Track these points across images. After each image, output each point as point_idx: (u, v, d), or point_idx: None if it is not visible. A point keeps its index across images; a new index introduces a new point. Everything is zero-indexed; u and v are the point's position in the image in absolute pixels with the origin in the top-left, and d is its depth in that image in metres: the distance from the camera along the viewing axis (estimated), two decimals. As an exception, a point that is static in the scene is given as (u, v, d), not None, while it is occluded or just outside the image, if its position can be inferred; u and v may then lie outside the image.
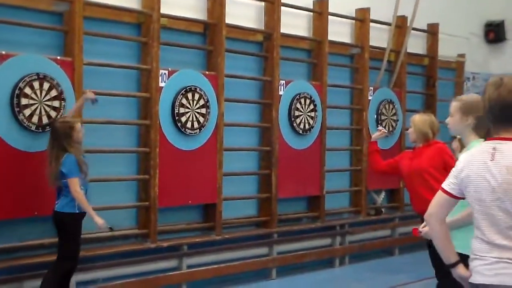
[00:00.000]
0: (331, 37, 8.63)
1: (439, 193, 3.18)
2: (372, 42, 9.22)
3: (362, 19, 9.16)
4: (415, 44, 10.10)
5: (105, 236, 6.62)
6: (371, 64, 9.27)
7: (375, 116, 9.30)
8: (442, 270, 5.82)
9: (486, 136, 4.19)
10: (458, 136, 6.35)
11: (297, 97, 8.18)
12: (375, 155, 6.51)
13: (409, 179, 5.96)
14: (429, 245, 5.89)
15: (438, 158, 5.77)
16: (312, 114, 8.37)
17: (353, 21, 9.23)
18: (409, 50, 9.78)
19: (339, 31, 8.93)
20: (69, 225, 5.69)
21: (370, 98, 9.25)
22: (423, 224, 4.38)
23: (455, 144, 6.54)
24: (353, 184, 9.25)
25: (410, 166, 5.89)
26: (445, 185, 3.17)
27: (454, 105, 4.33)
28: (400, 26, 9.61)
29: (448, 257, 3.20)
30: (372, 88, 9.28)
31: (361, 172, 9.13)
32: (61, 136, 5.61)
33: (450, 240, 3.18)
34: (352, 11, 9.16)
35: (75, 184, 5.59)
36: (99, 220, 5.71)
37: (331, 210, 8.86)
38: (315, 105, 8.38)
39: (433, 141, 5.87)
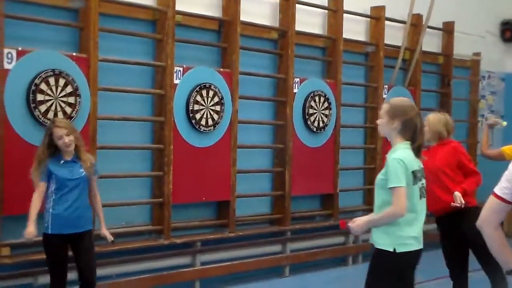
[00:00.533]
0: (346, 35, 8.61)
1: (491, 198, 3.01)
2: (387, 40, 9.19)
3: (377, 17, 9.14)
4: (430, 43, 10.06)
5: (119, 232, 6.64)
6: (386, 62, 9.24)
7: (390, 114, 9.26)
8: (457, 271, 5.82)
9: (412, 140, 4.35)
10: None
11: (312, 95, 8.18)
12: None
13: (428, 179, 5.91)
14: (444, 244, 5.89)
15: (452, 157, 5.76)
16: (327, 112, 8.37)
17: (368, 19, 9.21)
18: (424, 49, 9.75)
19: (354, 29, 8.92)
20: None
21: (384, 96, 9.21)
22: (354, 219, 4.49)
23: None
24: (367, 182, 9.23)
25: (424, 165, 5.86)
26: (497, 189, 3.00)
27: (383, 107, 4.49)
28: (415, 24, 9.57)
29: (507, 262, 3.02)
30: (386, 86, 9.26)
31: (375, 170, 9.08)
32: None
33: (507, 245, 3.02)
34: (367, 9, 9.15)
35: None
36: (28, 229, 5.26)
37: (345, 208, 8.85)
38: (329, 103, 8.38)
39: (447, 140, 5.85)
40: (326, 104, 8.33)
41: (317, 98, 8.24)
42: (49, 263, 5.44)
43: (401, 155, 4.31)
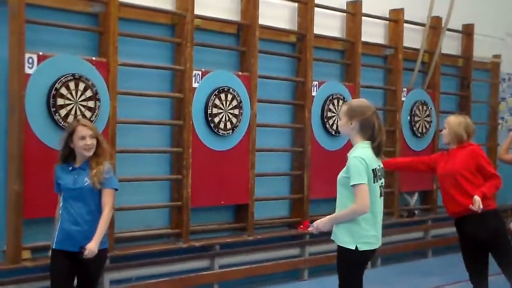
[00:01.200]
0: (364, 38, 8.61)
1: None
2: (406, 43, 9.17)
3: (396, 19, 9.12)
4: (450, 45, 10.03)
5: (138, 236, 6.70)
6: (405, 65, 9.22)
7: (408, 117, 9.26)
8: (477, 274, 5.80)
9: (371, 139, 4.51)
10: None
11: (330, 98, 8.18)
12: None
13: (442, 181, 5.92)
14: (463, 248, 5.87)
15: (471, 160, 5.74)
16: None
17: (387, 21, 9.20)
18: (443, 51, 9.72)
19: (373, 32, 8.90)
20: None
21: (403, 99, 9.20)
22: (319, 220, 4.68)
23: None
24: (386, 186, 9.13)
25: (444, 168, 5.86)
26: None
27: (342, 109, 4.76)
28: (435, 27, 9.55)
29: None
30: (405, 89, 9.23)
31: (394, 174, 9.09)
32: None
33: None
34: (385, 12, 9.13)
35: None
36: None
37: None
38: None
39: (467, 143, 5.83)
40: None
41: (335, 102, 8.24)
42: (50, 280, 5.11)
43: (361, 154, 4.52)
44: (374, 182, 4.57)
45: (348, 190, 4.54)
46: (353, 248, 4.57)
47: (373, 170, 4.56)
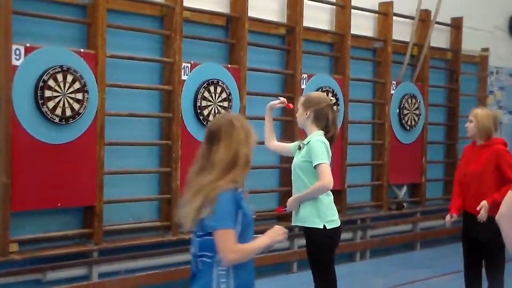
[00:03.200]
0: (353, 30, 8.57)
1: (510, 192, 3.10)
2: (395, 36, 9.14)
3: (385, 12, 9.09)
4: (439, 38, 10.00)
5: (127, 228, 6.65)
6: (394, 58, 9.20)
7: (397, 110, 9.23)
8: (471, 269, 5.73)
9: (325, 128, 4.61)
10: None
11: (319, 91, 8.12)
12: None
13: (464, 176, 5.69)
14: (463, 243, 5.79)
15: (494, 160, 5.49)
16: (334, 108, 8.31)
17: (376, 14, 9.16)
18: (432, 44, 9.70)
19: (362, 25, 8.87)
20: None
21: (392, 92, 9.18)
22: (288, 201, 4.97)
23: None
24: (375, 178, 9.19)
25: (468, 166, 5.63)
26: None
27: (300, 100, 5.01)
28: (424, 20, 9.52)
29: None
30: (394, 82, 9.21)
31: (383, 166, 9.07)
32: None
33: None
34: (375, 5, 9.09)
35: None
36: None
37: (353, 204, 8.82)
38: (337, 99, 8.33)
39: (494, 139, 5.59)
40: (334, 100, 8.29)
41: (325, 94, 8.19)
42: None
43: (321, 139, 4.78)
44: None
45: (307, 173, 4.78)
46: (322, 227, 4.78)
47: (330, 157, 4.79)
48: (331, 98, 8.12)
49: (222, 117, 3.43)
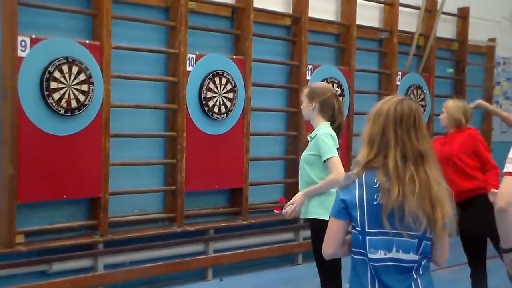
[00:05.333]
0: (359, 21, 8.61)
1: (508, 178, 3.03)
2: (401, 27, 9.18)
3: (391, 3, 9.12)
4: (445, 28, 10.03)
5: (132, 220, 6.73)
6: (400, 49, 9.23)
7: (404, 101, 9.27)
8: (475, 258, 5.83)
9: (331, 120, 4.67)
10: None
11: (325, 82, 8.18)
12: None
13: (441, 165, 5.89)
14: (462, 231, 5.89)
15: (469, 143, 5.76)
16: (340, 98, 8.37)
17: (382, 5, 9.20)
18: (438, 35, 9.73)
19: (368, 15, 8.91)
20: None
21: (398, 83, 9.23)
22: (289, 203, 4.86)
23: None
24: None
25: (441, 152, 5.88)
26: (510, 169, 3.05)
27: (304, 91, 5.00)
28: (430, 10, 9.55)
29: None
30: (400, 73, 9.26)
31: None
32: None
33: None
34: (381, -5, 9.15)
35: None
36: None
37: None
38: (342, 90, 8.39)
39: (465, 127, 5.87)
40: (339, 91, 8.34)
41: (330, 85, 8.25)
42: None
43: (329, 131, 4.76)
44: None
45: (313, 167, 4.77)
46: (327, 219, 4.69)
47: (337, 149, 4.77)
48: (337, 89, 8.16)
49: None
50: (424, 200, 2.80)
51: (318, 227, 4.85)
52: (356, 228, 2.90)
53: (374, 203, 2.84)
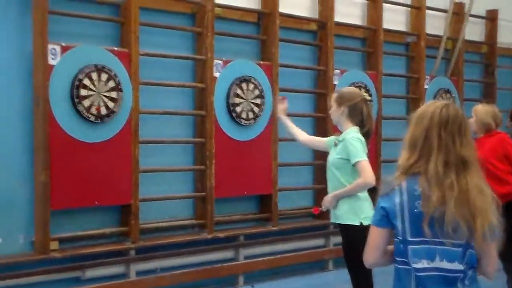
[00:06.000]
0: (386, 25, 8.69)
1: None
2: (428, 30, 9.23)
3: (418, 6, 9.18)
4: (473, 31, 10.06)
5: (163, 227, 6.84)
6: (428, 53, 9.28)
7: (432, 105, 9.30)
8: (511, 264, 5.83)
9: (360, 124, 4.70)
10: None
11: (352, 86, 8.24)
12: None
13: None
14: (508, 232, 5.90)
15: (500, 147, 5.79)
16: (369, 103, 8.42)
17: (409, 8, 9.26)
18: (467, 38, 9.76)
19: (395, 19, 8.98)
20: None
21: (426, 87, 9.27)
22: (324, 198, 5.02)
23: None
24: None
25: None
26: None
27: (333, 96, 5.10)
28: (458, 13, 9.60)
29: None
30: (428, 76, 9.30)
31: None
32: None
33: None
34: (407, -1, 9.22)
35: None
36: None
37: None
38: (370, 95, 8.44)
39: (495, 132, 5.89)
40: (367, 96, 8.39)
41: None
42: None
43: (357, 135, 4.84)
44: None
45: (342, 171, 4.86)
46: (358, 224, 4.83)
47: (366, 154, 4.84)
48: (364, 94, 8.21)
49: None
50: (463, 209, 2.72)
51: (349, 233, 4.93)
52: (398, 237, 2.84)
53: (415, 211, 2.78)
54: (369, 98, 8.00)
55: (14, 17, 5.86)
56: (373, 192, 8.69)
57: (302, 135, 5.57)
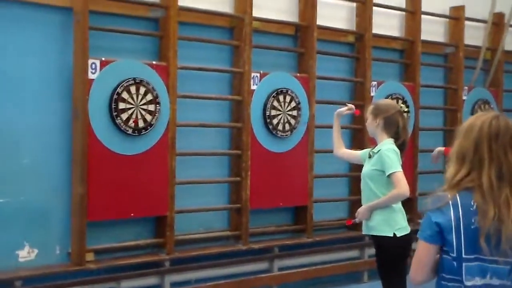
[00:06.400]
0: (424, 36, 8.62)
1: None
2: (467, 41, 9.15)
3: (456, 17, 9.10)
4: (513, 42, 9.95)
5: (197, 238, 6.88)
6: (466, 63, 9.19)
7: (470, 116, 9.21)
8: None
9: (395, 136, 4.69)
10: None
11: (389, 98, 8.20)
12: None
13: None
14: None
15: None
16: (405, 115, 8.38)
17: (447, 19, 9.19)
18: (506, 48, 9.64)
19: (432, 30, 8.91)
20: None
21: (464, 98, 9.19)
22: (358, 210, 5.09)
23: None
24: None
25: None
26: None
27: (369, 108, 5.15)
28: (497, 24, 9.49)
29: None
30: (467, 88, 9.22)
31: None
32: None
33: None
34: (446, 9, 9.12)
35: None
36: None
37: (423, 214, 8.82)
38: (407, 106, 8.39)
39: None
40: (405, 108, 8.34)
41: (395, 101, 8.27)
42: None
43: (392, 147, 4.88)
44: None
45: (377, 182, 4.92)
46: (391, 235, 4.88)
47: (401, 165, 4.89)
48: (401, 105, 8.18)
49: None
50: None
51: (383, 244, 4.95)
52: (451, 254, 2.73)
53: (472, 227, 2.68)
54: (406, 109, 8.16)
55: (56, 33, 5.95)
56: (407, 203, 8.65)
57: (340, 149, 5.58)
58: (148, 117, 6.26)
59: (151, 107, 6.27)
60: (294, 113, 7.36)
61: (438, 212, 2.77)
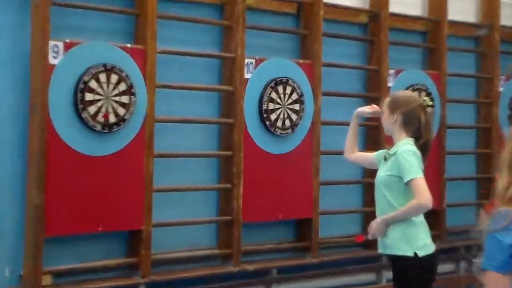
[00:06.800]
0: (451, 16, 8.65)
1: None
2: (504, 21, 9.18)
3: (491, -8, 9.15)
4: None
5: (179, 258, 6.84)
6: (502, 48, 9.23)
7: (508, 111, 9.25)
8: None
9: (416, 135, 4.66)
10: None
11: (410, 89, 8.22)
12: None
13: None
14: None
15: None
16: (429, 109, 8.40)
17: (480, -5, 9.24)
18: (550, 29, 9.69)
19: (462, 9, 8.94)
20: None
21: (501, 89, 9.22)
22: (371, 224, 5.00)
23: None
24: (481, 196, 9.18)
25: None
26: None
27: (385, 101, 5.08)
28: (539, 0, 9.54)
29: None
30: (503, 76, 9.24)
31: (491, 181, 9.07)
32: None
33: None
34: (478, -17, 9.17)
35: None
36: None
37: (454, 228, 8.83)
38: (432, 99, 8.42)
39: None
40: (428, 101, 8.36)
41: (417, 93, 8.28)
42: None
43: (412, 148, 4.80)
44: None
45: (392, 190, 4.86)
46: (412, 255, 4.82)
47: (422, 170, 4.83)
48: (425, 98, 8.20)
49: None
50: None
51: (401, 265, 4.92)
52: None
53: None
54: (430, 103, 8.19)
55: (10, 9, 5.92)
56: (432, 216, 8.63)
57: (352, 152, 5.53)
58: (121, 111, 6.25)
59: (125, 99, 6.27)
60: (296, 107, 7.36)
61: (506, 231, 2.62)
